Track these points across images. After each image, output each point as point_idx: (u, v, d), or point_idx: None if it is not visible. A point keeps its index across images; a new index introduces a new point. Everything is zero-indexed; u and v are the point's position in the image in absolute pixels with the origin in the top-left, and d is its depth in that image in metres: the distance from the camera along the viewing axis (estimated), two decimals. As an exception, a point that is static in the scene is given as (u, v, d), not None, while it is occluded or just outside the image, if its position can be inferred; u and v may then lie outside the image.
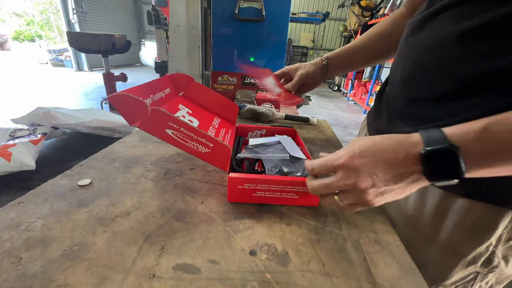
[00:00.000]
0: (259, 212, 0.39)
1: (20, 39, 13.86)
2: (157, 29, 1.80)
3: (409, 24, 0.43)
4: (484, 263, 0.38)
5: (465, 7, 0.32)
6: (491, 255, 0.37)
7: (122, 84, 2.89)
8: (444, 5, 0.34)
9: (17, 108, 2.94)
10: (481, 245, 0.37)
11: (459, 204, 0.37)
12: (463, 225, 0.37)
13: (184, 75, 0.58)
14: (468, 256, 0.38)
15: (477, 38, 0.31)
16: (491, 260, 0.38)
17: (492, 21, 0.29)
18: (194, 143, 0.40)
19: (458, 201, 0.37)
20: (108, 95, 2.46)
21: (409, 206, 0.42)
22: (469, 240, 0.37)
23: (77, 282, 0.26)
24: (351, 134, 3.24)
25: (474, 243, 0.37)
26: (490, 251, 0.37)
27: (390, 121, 0.46)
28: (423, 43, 0.38)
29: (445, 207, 0.38)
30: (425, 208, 0.40)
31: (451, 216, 0.38)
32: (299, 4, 8.20)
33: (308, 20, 5.11)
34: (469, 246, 0.38)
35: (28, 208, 0.35)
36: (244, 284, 0.27)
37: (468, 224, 0.37)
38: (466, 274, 0.40)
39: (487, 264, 0.38)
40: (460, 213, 0.37)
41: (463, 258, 0.38)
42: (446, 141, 0.25)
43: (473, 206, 0.36)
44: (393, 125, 0.45)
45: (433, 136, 0.26)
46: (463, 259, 0.38)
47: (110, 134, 2.11)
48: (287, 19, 1.05)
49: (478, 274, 0.39)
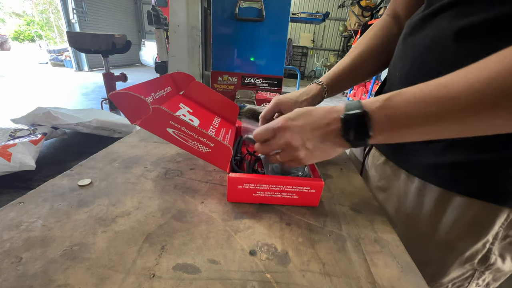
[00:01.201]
0: (259, 212, 0.39)
1: (20, 39, 13.86)
2: (157, 29, 1.80)
3: (408, 24, 0.43)
4: (481, 260, 0.38)
5: (464, 7, 0.32)
6: (488, 252, 0.38)
7: (122, 84, 2.88)
8: (443, 5, 0.35)
9: (17, 108, 2.94)
10: (478, 243, 0.37)
11: (457, 202, 0.37)
12: (461, 223, 0.37)
13: (184, 74, 0.58)
14: (465, 253, 0.39)
15: (473, 36, 0.31)
16: (488, 258, 0.38)
17: (490, 20, 0.30)
18: (195, 142, 0.40)
19: (456, 199, 0.37)
20: (108, 95, 2.46)
21: (408, 204, 0.43)
22: (466, 237, 0.38)
23: (77, 282, 0.26)
24: (351, 134, 3.24)
25: (471, 240, 0.38)
26: (487, 248, 0.38)
27: None
28: (422, 43, 0.38)
29: (443, 205, 0.38)
30: (424, 206, 0.40)
31: (449, 214, 0.38)
32: (299, 4, 8.19)
33: (308, 20, 5.11)
34: (467, 243, 0.38)
35: (28, 208, 0.35)
36: (244, 284, 0.27)
37: (465, 222, 0.37)
38: (464, 271, 0.40)
39: (484, 261, 0.38)
40: (458, 210, 0.37)
41: (460, 255, 0.39)
42: (360, 108, 0.30)
43: (471, 204, 0.36)
44: None
45: (352, 104, 0.31)
46: (460, 256, 0.39)
47: (110, 134, 2.11)
48: (287, 19, 1.05)
49: (475, 272, 0.40)
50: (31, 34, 13.83)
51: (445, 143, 0.37)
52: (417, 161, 0.41)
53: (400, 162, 0.45)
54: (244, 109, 0.82)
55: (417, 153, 0.41)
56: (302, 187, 0.39)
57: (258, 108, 0.82)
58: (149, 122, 0.39)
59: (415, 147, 0.41)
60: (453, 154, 0.36)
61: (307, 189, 0.39)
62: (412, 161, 0.42)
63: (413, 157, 0.41)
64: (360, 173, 0.57)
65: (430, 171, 0.39)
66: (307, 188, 0.39)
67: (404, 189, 0.44)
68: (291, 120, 0.34)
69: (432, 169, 0.39)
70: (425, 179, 0.40)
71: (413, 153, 0.41)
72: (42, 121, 1.94)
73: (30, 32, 13.88)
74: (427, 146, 0.39)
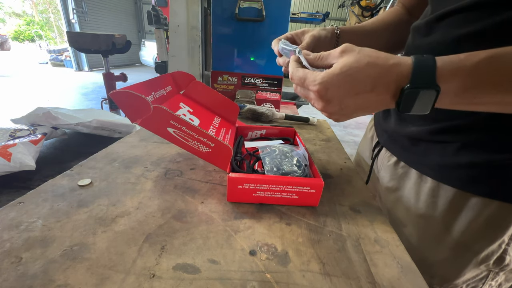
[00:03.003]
0: (259, 212, 0.39)
1: (20, 39, 13.86)
2: (157, 29, 1.80)
3: (413, 28, 0.43)
4: (496, 261, 0.38)
5: (472, 12, 0.32)
6: (504, 253, 0.37)
7: (122, 84, 2.89)
8: (449, 11, 0.35)
9: (17, 108, 2.94)
10: (494, 243, 0.37)
11: (473, 203, 0.37)
12: (477, 223, 0.37)
13: (185, 73, 0.58)
14: (480, 254, 0.38)
15: (481, 41, 0.31)
16: (503, 258, 0.38)
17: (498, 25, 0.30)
18: (195, 142, 0.40)
19: (472, 200, 0.37)
20: (108, 94, 2.46)
21: (420, 205, 0.42)
22: (482, 238, 0.37)
23: (77, 282, 0.26)
24: (351, 134, 3.24)
25: (487, 241, 0.37)
26: (502, 248, 0.37)
27: (398, 122, 0.46)
28: (429, 48, 0.38)
29: (459, 205, 0.38)
30: (437, 207, 0.40)
31: (465, 215, 0.37)
32: (299, 4, 8.20)
33: (308, 20, 5.11)
34: (482, 244, 0.38)
35: (28, 208, 0.35)
36: (244, 284, 0.27)
37: (481, 222, 0.37)
38: (478, 272, 0.40)
39: (499, 262, 0.38)
40: (473, 211, 0.37)
41: (475, 256, 0.38)
42: (433, 84, 0.26)
43: (487, 204, 0.36)
44: (403, 126, 0.45)
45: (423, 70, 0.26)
46: (475, 257, 0.38)
47: (110, 134, 2.10)
48: (287, 19, 1.05)
49: (490, 273, 0.39)
50: (31, 34, 13.83)
51: (459, 144, 0.37)
52: (430, 161, 0.40)
53: (412, 162, 0.44)
54: (244, 109, 0.82)
55: (430, 153, 0.40)
56: (302, 187, 0.39)
57: (258, 108, 0.82)
58: (149, 122, 0.39)
59: (427, 146, 0.41)
60: (469, 154, 0.36)
61: (307, 189, 0.39)
62: (424, 161, 0.41)
63: (425, 157, 0.41)
64: (369, 175, 0.57)
65: (445, 172, 0.39)
66: (307, 188, 0.39)
67: (416, 190, 0.43)
68: (331, 89, 0.29)
69: (447, 170, 0.38)
70: (439, 179, 0.39)
71: (425, 153, 0.41)
72: (42, 121, 1.94)
73: (30, 32, 13.88)
74: (440, 146, 0.39)
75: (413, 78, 0.26)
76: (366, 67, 0.27)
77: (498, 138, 0.34)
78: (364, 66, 0.27)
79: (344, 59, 0.29)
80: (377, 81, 0.28)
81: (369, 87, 0.28)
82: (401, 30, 0.50)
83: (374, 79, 0.28)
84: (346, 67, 0.28)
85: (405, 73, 0.26)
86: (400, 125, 0.46)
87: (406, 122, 0.44)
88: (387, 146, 0.51)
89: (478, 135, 0.35)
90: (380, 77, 0.27)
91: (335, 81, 0.28)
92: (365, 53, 0.28)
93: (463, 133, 0.36)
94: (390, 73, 0.27)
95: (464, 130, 0.36)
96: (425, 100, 0.27)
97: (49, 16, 13.74)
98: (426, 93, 0.26)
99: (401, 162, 0.46)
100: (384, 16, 0.54)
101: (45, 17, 14.12)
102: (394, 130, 0.47)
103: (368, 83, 0.28)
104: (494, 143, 0.34)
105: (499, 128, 0.33)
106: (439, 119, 0.38)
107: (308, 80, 0.31)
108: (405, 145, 0.45)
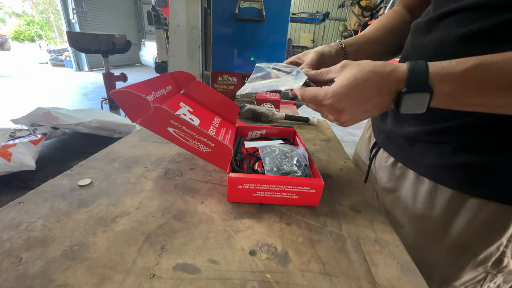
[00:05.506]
0: (259, 212, 0.39)
1: (20, 39, 13.87)
2: (157, 29, 1.80)
3: (413, 26, 0.43)
4: (495, 263, 0.38)
5: (473, 12, 0.32)
6: (502, 255, 0.37)
7: (122, 84, 2.89)
8: (450, 10, 0.35)
9: (17, 108, 2.94)
10: (492, 245, 0.37)
11: (470, 204, 0.37)
12: (475, 225, 0.37)
13: (185, 73, 0.58)
14: (479, 256, 0.38)
15: (482, 41, 0.31)
16: (501, 260, 0.38)
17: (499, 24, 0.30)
18: (195, 142, 0.40)
19: (469, 201, 0.37)
20: (108, 94, 2.46)
21: (418, 206, 0.42)
22: (480, 240, 0.37)
23: (77, 282, 0.26)
24: (351, 134, 3.24)
25: (485, 243, 0.37)
26: (500, 251, 0.37)
27: (395, 122, 0.46)
28: (428, 47, 0.38)
29: (456, 206, 0.38)
30: (435, 208, 0.40)
31: (462, 216, 0.37)
32: (299, 4, 8.20)
33: (308, 20, 5.11)
34: (481, 246, 0.38)
35: (28, 208, 0.35)
36: (244, 284, 0.27)
37: (479, 224, 0.37)
38: (476, 274, 0.40)
39: (497, 264, 0.38)
40: (471, 212, 0.37)
41: (474, 258, 0.38)
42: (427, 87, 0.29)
43: (485, 205, 0.36)
44: (399, 126, 0.45)
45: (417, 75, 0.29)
46: (474, 259, 0.38)
47: (110, 134, 2.11)
48: (287, 19, 1.05)
49: (488, 275, 0.39)
50: (31, 34, 13.83)
51: (455, 145, 0.37)
52: (427, 162, 0.40)
53: (409, 163, 0.44)
54: (244, 109, 0.82)
55: (426, 153, 0.40)
56: (302, 187, 0.39)
57: (258, 108, 0.82)
58: (150, 121, 0.39)
59: (424, 147, 0.41)
60: (465, 155, 0.36)
61: (307, 189, 0.39)
62: (421, 162, 0.41)
63: (423, 158, 0.41)
64: (366, 175, 0.57)
65: (442, 173, 0.39)
66: (307, 188, 0.39)
67: (413, 190, 0.43)
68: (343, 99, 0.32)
69: (444, 170, 0.38)
70: (436, 180, 0.40)
71: (422, 154, 0.41)
72: (42, 121, 1.94)
73: (30, 32, 13.88)
74: (436, 147, 0.39)
75: (408, 82, 0.29)
76: (369, 75, 0.31)
77: (494, 139, 0.34)
78: (368, 74, 0.31)
79: (347, 71, 0.32)
80: (380, 86, 0.31)
81: (375, 92, 0.31)
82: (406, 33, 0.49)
83: (378, 85, 0.31)
84: (352, 77, 0.31)
85: (402, 78, 0.30)
86: (396, 125, 0.46)
87: (403, 123, 0.44)
88: (384, 146, 0.51)
89: (474, 136, 0.35)
90: (383, 82, 0.30)
91: (345, 92, 0.31)
92: (365, 64, 0.32)
93: (459, 134, 0.36)
94: (389, 78, 0.30)
95: (460, 131, 0.36)
96: (420, 101, 0.30)
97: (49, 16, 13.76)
98: (421, 95, 0.29)
99: (399, 163, 0.46)
100: (386, 21, 0.54)
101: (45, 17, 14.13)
102: (391, 131, 0.47)
103: (374, 89, 0.31)
104: (490, 144, 0.34)
105: (494, 129, 0.34)
106: (435, 120, 0.38)
107: (319, 96, 0.34)
108: (402, 146, 0.45)
